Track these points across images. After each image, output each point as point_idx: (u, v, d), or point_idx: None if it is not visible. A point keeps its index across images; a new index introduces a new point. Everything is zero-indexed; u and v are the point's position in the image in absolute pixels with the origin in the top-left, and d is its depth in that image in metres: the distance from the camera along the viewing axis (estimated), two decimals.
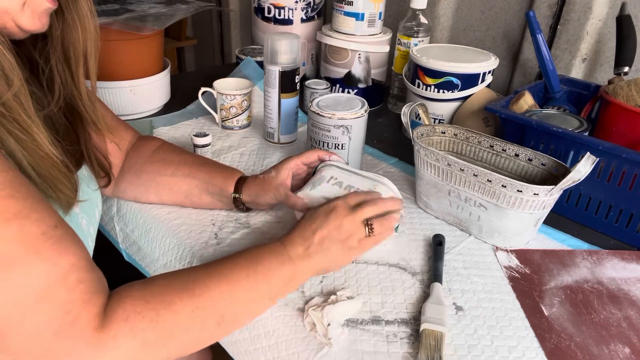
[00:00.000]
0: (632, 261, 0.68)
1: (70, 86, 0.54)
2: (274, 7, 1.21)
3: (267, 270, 0.53)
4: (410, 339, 0.54)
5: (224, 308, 0.49)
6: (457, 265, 0.66)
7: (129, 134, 0.74)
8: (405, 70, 1.04)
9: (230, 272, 0.51)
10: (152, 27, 0.94)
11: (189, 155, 0.74)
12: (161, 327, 0.45)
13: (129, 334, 0.43)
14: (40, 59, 0.52)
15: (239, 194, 0.69)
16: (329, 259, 0.56)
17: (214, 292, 0.49)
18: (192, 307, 0.47)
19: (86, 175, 0.60)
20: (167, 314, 0.46)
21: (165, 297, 0.46)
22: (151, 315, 0.44)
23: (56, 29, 0.51)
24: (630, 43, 0.85)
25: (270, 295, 0.54)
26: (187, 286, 0.48)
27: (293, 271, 0.54)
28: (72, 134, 0.57)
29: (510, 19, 1.09)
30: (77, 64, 0.53)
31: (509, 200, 0.64)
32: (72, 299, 0.41)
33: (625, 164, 0.68)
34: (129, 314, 0.43)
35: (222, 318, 0.49)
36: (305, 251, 0.55)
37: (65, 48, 0.52)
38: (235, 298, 0.50)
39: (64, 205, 0.50)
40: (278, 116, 0.92)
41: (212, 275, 0.51)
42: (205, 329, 0.49)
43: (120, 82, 0.97)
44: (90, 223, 0.58)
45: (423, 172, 0.73)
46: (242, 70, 1.15)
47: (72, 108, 0.56)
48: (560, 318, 0.58)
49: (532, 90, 0.87)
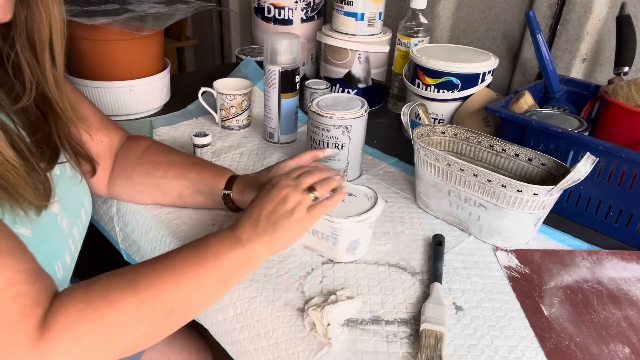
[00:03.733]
0: (632, 261, 0.68)
1: (37, 73, 0.53)
2: (274, 7, 1.21)
3: (215, 256, 0.52)
4: (410, 339, 0.54)
5: (171, 300, 0.48)
6: (457, 265, 0.66)
7: (118, 133, 0.73)
8: (405, 70, 1.04)
9: (174, 262, 0.51)
10: (152, 27, 0.94)
11: (178, 155, 0.73)
12: (106, 327, 0.44)
13: (72, 339, 0.42)
14: (5, 45, 0.51)
15: (229, 191, 0.69)
16: (281, 234, 0.55)
17: (159, 285, 0.48)
18: (137, 303, 0.46)
19: (68, 174, 0.59)
20: (111, 313, 0.45)
21: (108, 295, 0.46)
22: (94, 317, 0.44)
23: (20, 15, 0.50)
24: (630, 43, 0.85)
25: (224, 280, 0.53)
26: (131, 282, 0.47)
27: (245, 254, 0.53)
28: (45, 125, 0.56)
29: (510, 19, 1.09)
30: (42, 50, 0.52)
31: (508, 200, 0.64)
32: (7, 315, 0.40)
33: (625, 164, 0.68)
34: (70, 319, 0.43)
35: (171, 310, 0.49)
36: (254, 230, 0.54)
37: (30, 34, 0.51)
38: (183, 288, 0.49)
39: (33, 209, 0.49)
40: (278, 116, 0.92)
41: (155, 268, 0.50)
42: (153, 322, 0.48)
43: (120, 82, 0.97)
44: (73, 223, 0.57)
45: (423, 172, 0.73)
46: (242, 70, 1.15)
47: (44, 98, 0.55)
48: (560, 318, 0.58)
49: (532, 90, 0.87)
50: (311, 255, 0.66)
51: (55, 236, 0.53)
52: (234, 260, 0.53)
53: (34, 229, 0.49)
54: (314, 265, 0.64)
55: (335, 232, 0.62)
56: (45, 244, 0.51)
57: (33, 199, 0.48)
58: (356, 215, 0.61)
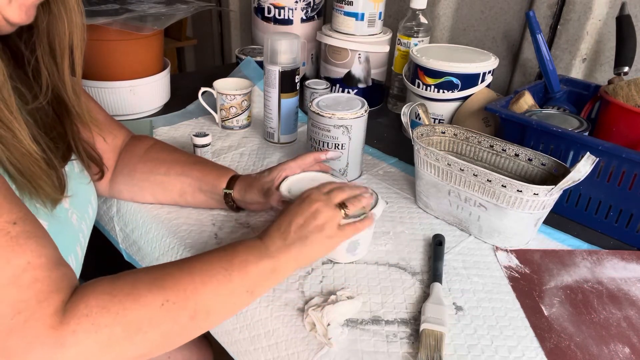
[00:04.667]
0: (632, 261, 0.68)
1: (55, 78, 0.54)
2: (274, 7, 1.21)
3: (243, 264, 0.51)
4: (410, 339, 0.54)
5: (196, 301, 0.48)
6: (457, 265, 0.66)
7: (122, 132, 0.74)
8: (405, 70, 1.04)
9: (202, 265, 0.50)
10: (152, 27, 0.94)
11: (181, 154, 0.73)
12: (127, 321, 0.43)
13: (91, 329, 0.41)
14: (26, 50, 0.52)
15: (231, 190, 0.69)
16: (310, 248, 0.54)
17: (186, 285, 0.47)
18: (162, 300, 0.45)
19: (76, 172, 0.59)
20: (135, 308, 0.44)
21: (134, 290, 0.45)
22: (116, 309, 0.43)
23: (42, 21, 0.51)
24: (630, 43, 0.85)
25: (249, 289, 0.52)
26: (157, 280, 0.47)
27: (273, 265, 0.53)
28: (59, 126, 0.57)
29: (510, 19, 1.09)
30: (62, 56, 0.53)
31: (508, 200, 0.64)
32: (24, 299, 0.40)
33: (625, 164, 0.68)
34: (92, 308, 0.42)
35: (195, 312, 0.48)
36: (283, 243, 0.54)
37: (51, 40, 0.52)
38: (209, 291, 0.49)
39: (49, 202, 0.49)
40: (278, 116, 0.92)
41: (183, 269, 0.49)
42: (176, 323, 0.46)
43: (120, 82, 0.97)
44: (82, 219, 0.58)
45: (423, 172, 0.73)
46: (242, 70, 1.15)
47: (59, 100, 0.56)
48: (560, 318, 0.58)
49: (532, 90, 0.87)
50: None
51: (67, 229, 0.54)
52: (261, 270, 0.52)
53: (50, 221, 0.50)
54: (314, 265, 0.64)
55: None
56: (60, 236, 0.51)
57: (51, 191, 0.49)
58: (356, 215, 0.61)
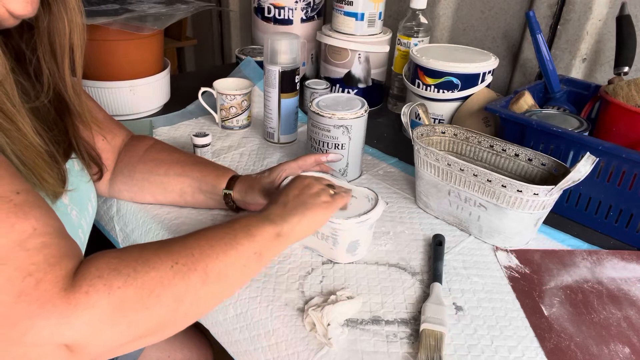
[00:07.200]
0: (632, 261, 0.68)
1: (56, 77, 0.54)
2: (274, 7, 1.21)
3: (246, 228, 0.52)
4: (410, 339, 0.54)
5: (206, 263, 0.47)
6: (457, 265, 0.66)
7: (122, 132, 0.74)
8: (405, 70, 1.04)
9: (207, 232, 0.51)
10: (152, 27, 0.94)
11: (181, 154, 0.74)
12: (140, 283, 0.42)
13: (104, 290, 0.40)
14: (27, 49, 0.53)
15: (230, 190, 0.69)
16: (311, 212, 0.56)
17: (193, 250, 0.47)
18: (171, 263, 0.45)
19: (77, 169, 0.60)
20: (145, 270, 0.43)
21: (142, 255, 0.45)
22: (127, 271, 0.42)
23: (43, 21, 0.51)
24: (630, 43, 0.85)
25: (256, 251, 0.52)
26: (164, 246, 0.47)
27: (277, 230, 0.54)
28: (60, 125, 0.57)
29: (510, 19, 1.09)
30: (62, 56, 0.53)
31: (508, 200, 0.64)
32: (33, 262, 0.39)
33: (625, 164, 0.68)
34: (103, 270, 0.41)
35: (206, 274, 0.47)
36: (283, 209, 0.56)
37: (52, 40, 0.52)
38: (217, 253, 0.48)
39: (51, 195, 0.49)
40: (278, 116, 0.92)
41: (188, 237, 0.50)
42: (189, 286, 0.46)
43: (120, 82, 0.97)
44: (81, 216, 0.58)
45: (423, 172, 0.73)
46: (242, 70, 1.15)
47: (60, 99, 0.56)
48: (560, 318, 0.58)
49: (532, 90, 0.87)
50: (311, 255, 0.66)
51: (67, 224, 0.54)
52: (265, 232, 0.53)
53: None
54: (314, 265, 0.64)
55: (335, 233, 0.62)
56: None
57: (53, 183, 0.49)
58: (356, 216, 0.61)
